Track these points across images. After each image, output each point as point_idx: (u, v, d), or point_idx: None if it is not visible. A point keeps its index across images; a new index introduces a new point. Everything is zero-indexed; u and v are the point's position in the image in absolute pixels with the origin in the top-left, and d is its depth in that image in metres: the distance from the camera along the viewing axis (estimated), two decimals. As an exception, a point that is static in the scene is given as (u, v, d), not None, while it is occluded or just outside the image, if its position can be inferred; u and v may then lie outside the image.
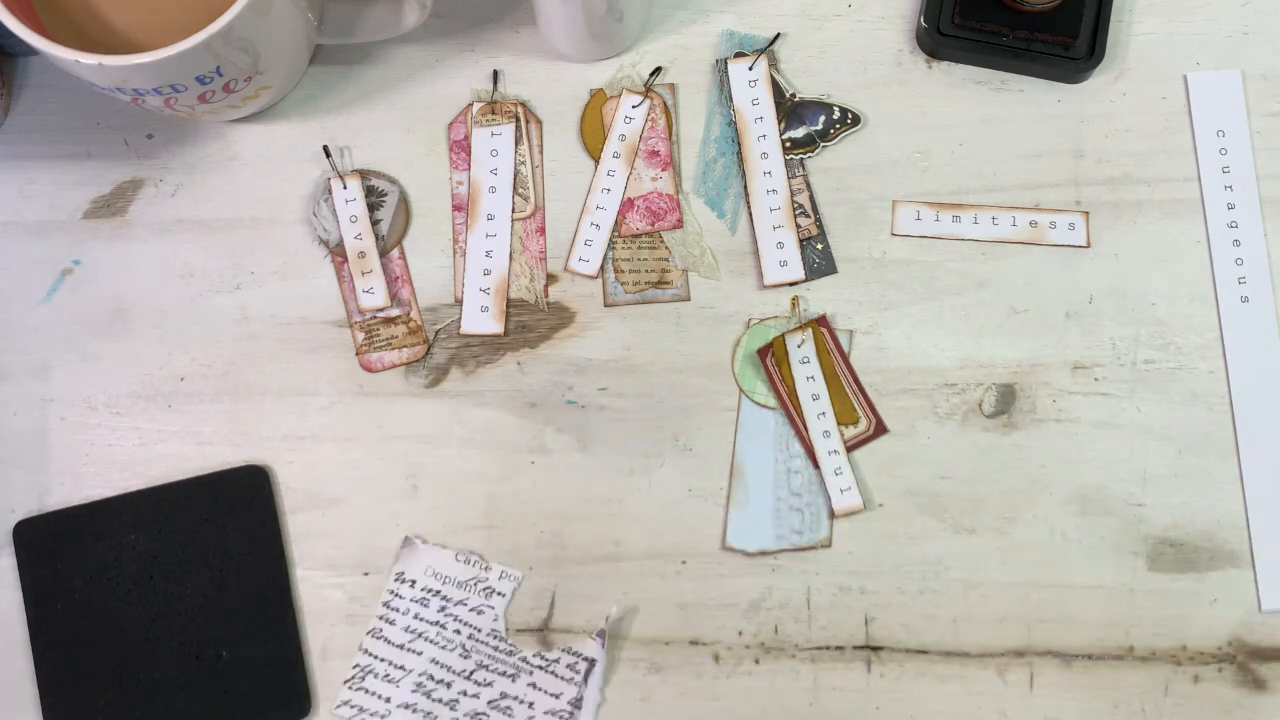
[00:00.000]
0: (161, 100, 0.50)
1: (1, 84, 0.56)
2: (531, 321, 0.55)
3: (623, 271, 0.55)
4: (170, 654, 0.51)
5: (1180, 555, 0.52)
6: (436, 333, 0.55)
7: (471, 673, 0.49)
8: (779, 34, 0.57)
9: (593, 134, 0.56)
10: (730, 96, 0.56)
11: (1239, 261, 0.54)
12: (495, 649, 0.49)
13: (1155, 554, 0.52)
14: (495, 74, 0.57)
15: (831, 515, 0.52)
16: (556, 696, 0.49)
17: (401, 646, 0.49)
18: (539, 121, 0.57)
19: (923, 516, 0.52)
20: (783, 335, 0.54)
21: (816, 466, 0.53)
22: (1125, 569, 0.52)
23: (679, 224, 0.55)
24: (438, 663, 0.49)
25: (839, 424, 0.53)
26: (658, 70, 0.57)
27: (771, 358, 0.54)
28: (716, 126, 0.56)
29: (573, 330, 0.55)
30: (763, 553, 0.52)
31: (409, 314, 0.55)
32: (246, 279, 0.55)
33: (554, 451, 0.54)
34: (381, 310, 0.55)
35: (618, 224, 0.55)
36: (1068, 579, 0.52)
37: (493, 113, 0.56)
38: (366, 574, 0.53)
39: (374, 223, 0.55)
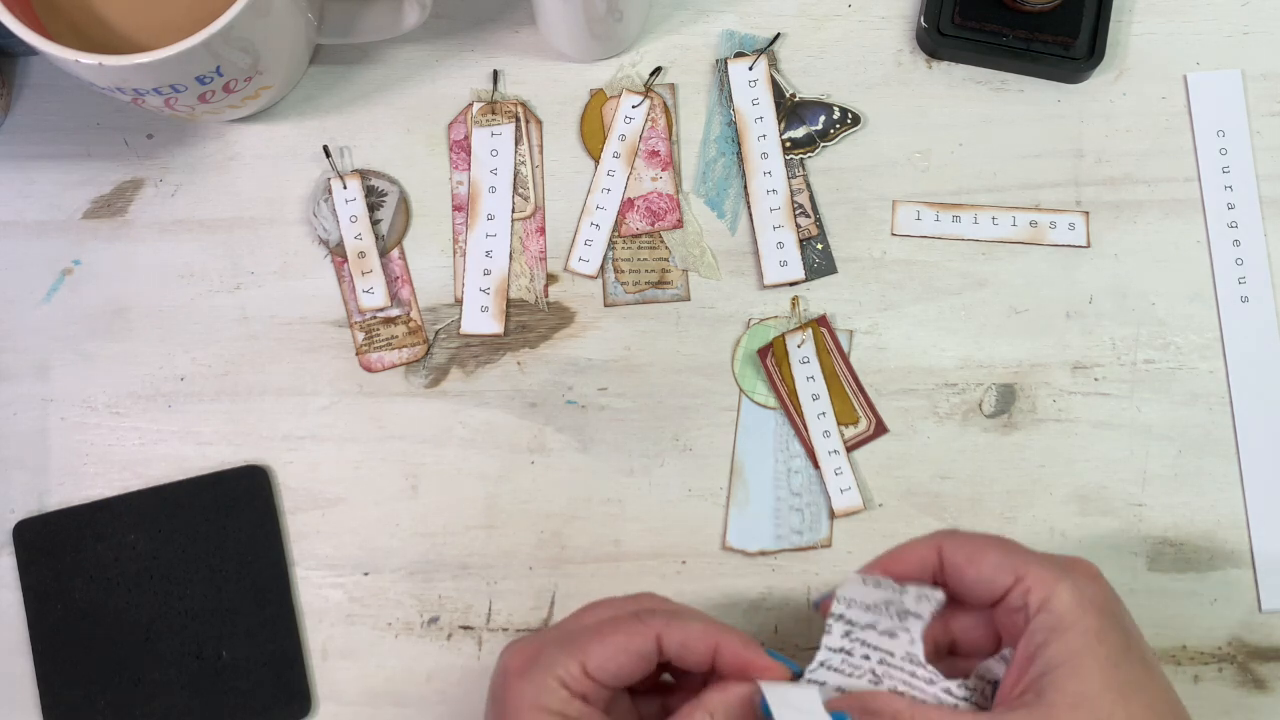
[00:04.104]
0: (161, 100, 0.50)
1: (1, 84, 0.56)
2: (531, 321, 0.55)
3: (623, 271, 0.55)
4: (170, 654, 0.51)
5: (1180, 555, 0.52)
6: (436, 333, 0.55)
7: None
8: (779, 34, 0.57)
9: (593, 134, 0.56)
10: (730, 96, 0.56)
11: (1239, 261, 0.54)
12: (911, 674, 0.41)
13: (1155, 554, 0.52)
14: (495, 74, 0.57)
15: (831, 515, 0.52)
16: None
17: (799, 677, 0.42)
18: (539, 121, 0.57)
19: (923, 516, 0.52)
20: (783, 335, 0.54)
21: (816, 466, 0.53)
22: (1125, 569, 0.52)
23: (679, 224, 0.55)
24: (843, 691, 0.42)
25: (839, 424, 0.53)
26: (658, 70, 0.57)
27: (771, 358, 0.54)
28: (716, 126, 0.56)
29: (573, 330, 0.55)
30: (763, 553, 0.52)
31: (409, 314, 0.55)
32: (246, 279, 0.55)
33: (554, 451, 0.53)
34: (381, 310, 0.55)
35: (618, 224, 0.55)
36: (1068, 579, 0.52)
37: (493, 113, 0.56)
38: (366, 574, 0.53)
39: (374, 223, 0.55)
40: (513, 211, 0.55)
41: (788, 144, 0.56)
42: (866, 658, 0.42)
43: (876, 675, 0.42)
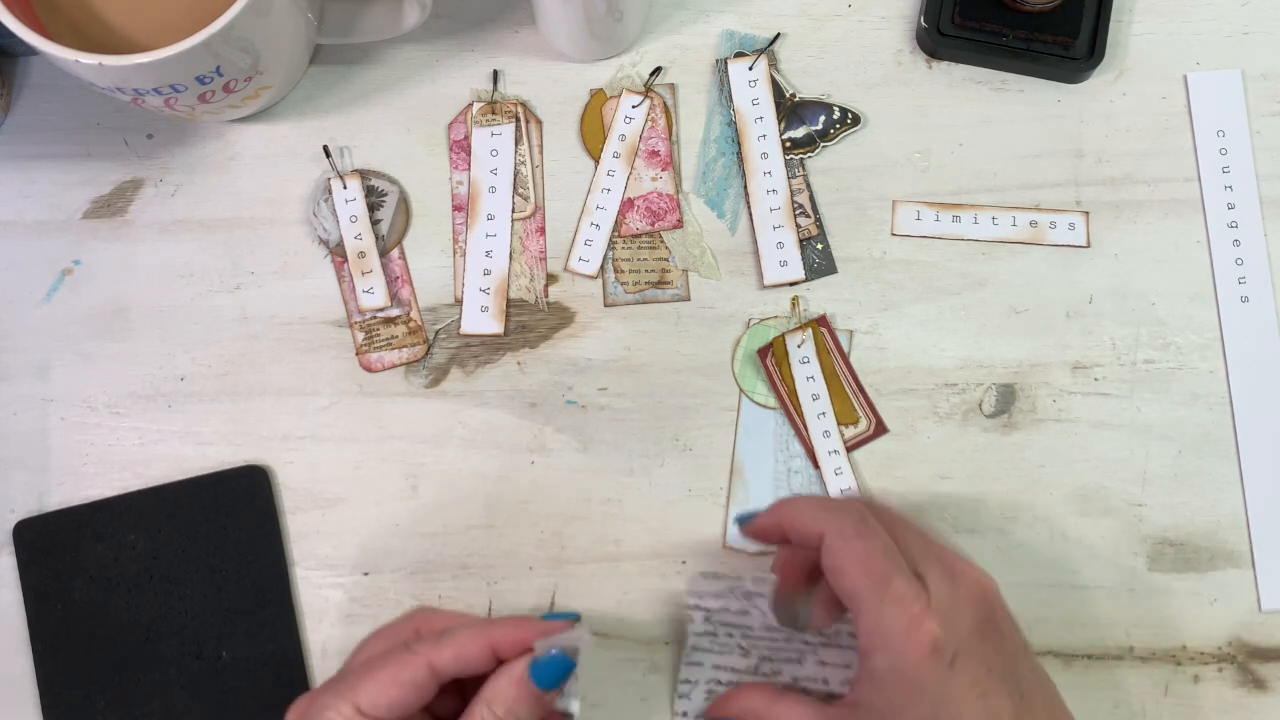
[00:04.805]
0: (161, 100, 0.50)
1: (1, 84, 0.56)
2: (531, 321, 0.55)
3: (623, 271, 0.55)
4: (170, 654, 0.51)
5: (1180, 555, 0.52)
6: (436, 333, 0.55)
7: (756, 668, 0.49)
8: (779, 34, 0.57)
9: (593, 134, 0.56)
10: (730, 96, 0.56)
11: (1239, 261, 0.54)
12: (772, 640, 0.48)
13: (1155, 554, 0.52)
14: (495, 74, 0.57)
15: (831, 515, 0.53)
16: (848, 666, 0.48)
17: (681, 662, 0.50)
18: (539, 121, 0.57)
19: (923, 516, 0.52)
20: (783, 335, 0.54)
21: (816, 466, 0.53)
22: (1125, 569, 0.52)
23: (679, 224, 0.55)
24: (720, 668, 0.49)
25: (839, 424, 0.53)
26: (658, 70, 0.57)
27: (771, 358, 0.54)
28: (716, 126, 0.56)
29: (573, 330, 0.55)
30: (763, 553, 0.52)
31: (409, 314, 0.55)
32: (246, 279, 0.55)
33: (554, 451, 0.54)
34: (381, 310, 0.55)
35: (618, 224, 0.55)
36: (1068, 579, 0.52)
37: (493, 113, 0.56)
38: (366, 574, 0.53)
39: (374, 223, 0.55)
40: (513, 211, 0.55)
41: (788, 144, 0.56)
42: (730, 635, 0.49)
43: (744, 647, 0.48)
